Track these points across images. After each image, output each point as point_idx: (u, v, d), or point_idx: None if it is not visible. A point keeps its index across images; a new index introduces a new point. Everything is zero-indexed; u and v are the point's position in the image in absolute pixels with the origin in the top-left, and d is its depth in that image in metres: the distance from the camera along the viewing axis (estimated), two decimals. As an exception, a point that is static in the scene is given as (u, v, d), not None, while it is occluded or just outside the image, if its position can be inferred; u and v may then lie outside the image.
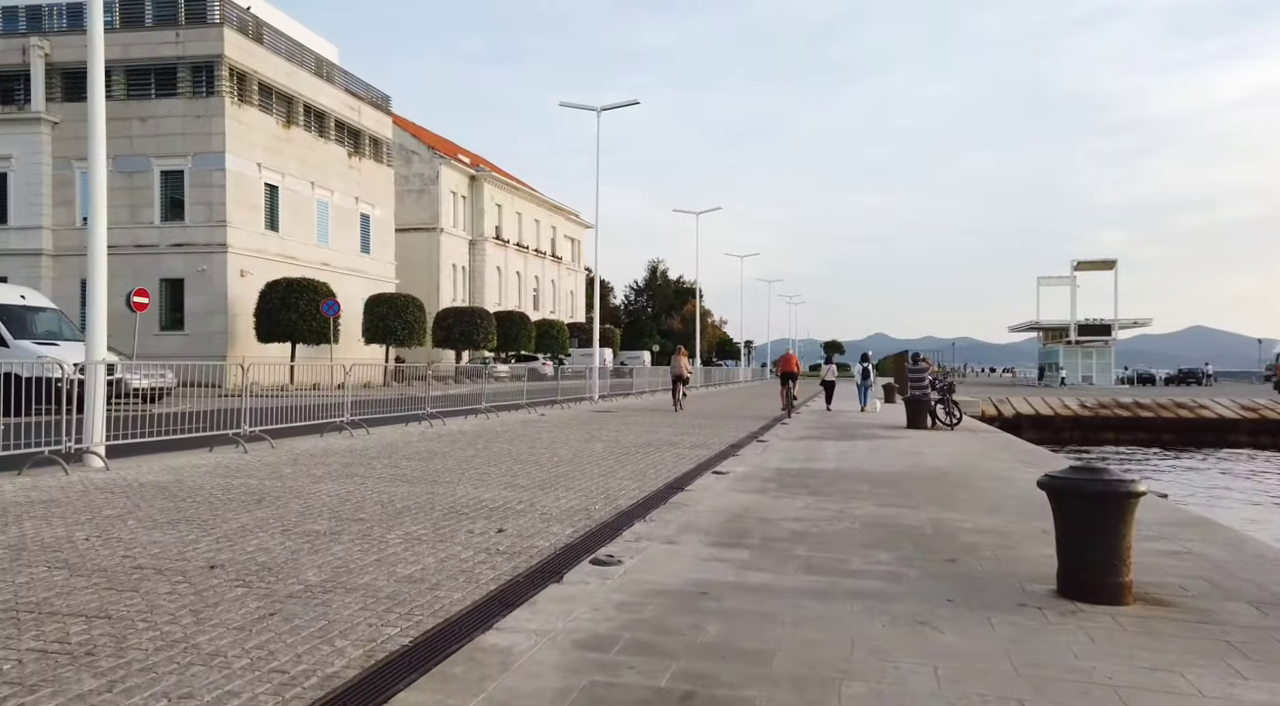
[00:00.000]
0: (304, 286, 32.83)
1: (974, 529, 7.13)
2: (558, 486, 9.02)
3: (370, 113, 44.27)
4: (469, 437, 14.41)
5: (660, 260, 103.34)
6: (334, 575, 5.13)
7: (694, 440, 15.04)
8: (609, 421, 19.29)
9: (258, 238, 35.57)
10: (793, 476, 10.23)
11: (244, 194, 34.67)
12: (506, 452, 12.21)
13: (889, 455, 13.07)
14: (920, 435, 17.06)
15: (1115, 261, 66.71)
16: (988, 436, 17.47)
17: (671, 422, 19.47)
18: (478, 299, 58.51)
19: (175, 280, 33.94)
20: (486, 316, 48.52)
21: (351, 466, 10.28)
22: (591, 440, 14.51)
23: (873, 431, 17.79)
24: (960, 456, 13.12)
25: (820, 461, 11.99)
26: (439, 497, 8.11)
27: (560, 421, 18.91)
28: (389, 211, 46.16)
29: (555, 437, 14.80)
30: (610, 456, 12.09)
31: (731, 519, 7.31)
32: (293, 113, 38.30)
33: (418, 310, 40.05)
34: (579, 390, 26.95)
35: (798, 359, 25.68)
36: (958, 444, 15.30)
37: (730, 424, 19.51)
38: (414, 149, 55.38)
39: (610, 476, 9.94)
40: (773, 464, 11.57)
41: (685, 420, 20.43)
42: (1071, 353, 68.27)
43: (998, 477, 10.61)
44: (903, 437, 16.36)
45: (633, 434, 16.04)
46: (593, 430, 16.66)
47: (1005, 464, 12.21)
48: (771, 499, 8.48)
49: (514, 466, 10.65)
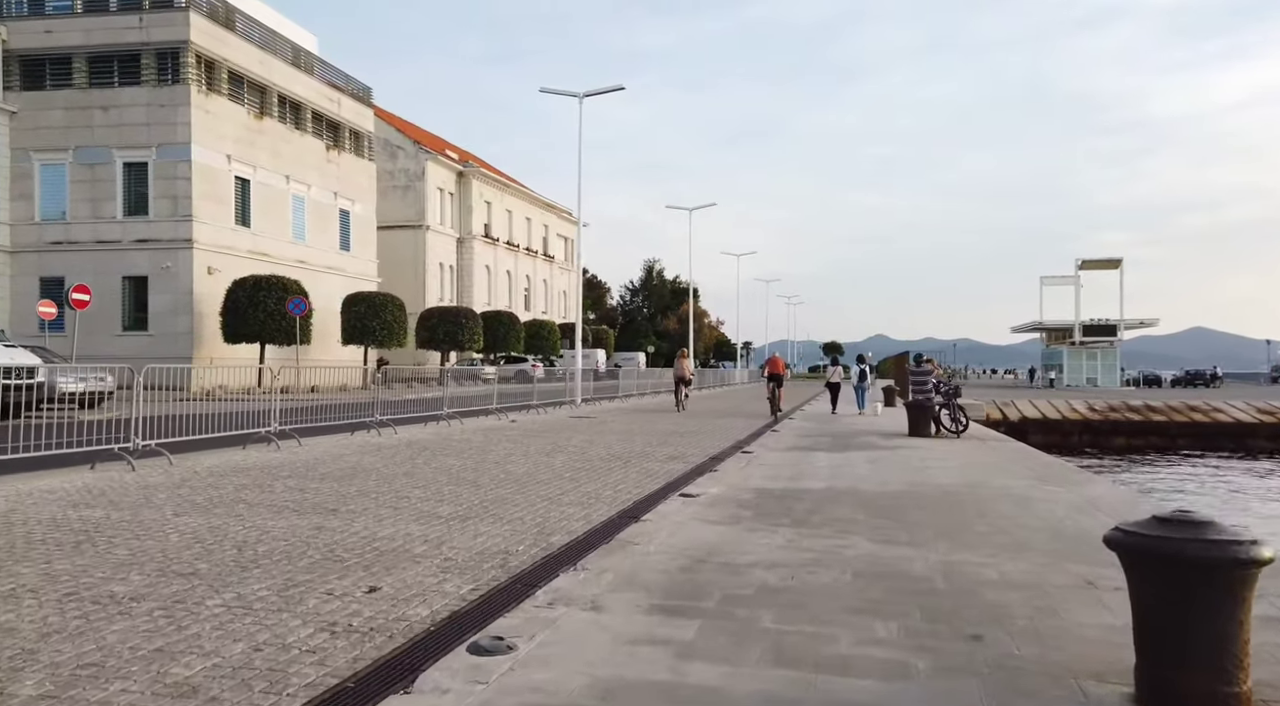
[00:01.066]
0: (273, 284, 31.22)
1: (999, 579, 5.51)
2: (485, 516, 7.40)
3: (350, 105, 42.67)
4: (413, 450, 12.78)
5: (656, 260, 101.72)
6: (68, 683, 3.50)
7: (670, 450, 13.42)
8: (583, 429, 17.67)
9: (227, 233, 33.95)
10: (775, 499, 8.61)
11: (212, 187, 33.05)
12: (446, 469, 10.58)
13: (889, 469, 11.45)
14: (923, 444, 15.43)
15: (1120, 260, 65.10)
16: (997, 446, 15.84)
17: (653, 429, 17.86)
18: (465, 299, 56.89)
19: (138, 278, 32.33)
20: (472, 316, 46.91)
21: (245, 490, 8.64)
22: (554, 452, 12.88)
23: (871, 440, 16.17)
24: (969, 471, 11.49)
25: (810, 478, 10.37)
26: (323, 535, 6.47)
27: (529, 429, 17.29)
28: (370, 207, 44.56)
29: (514, 449, 13.18)
30: (568, 473, 10.47)
31: (687, 566, 5.68)
32: (266, 103, 36.70)
33: (397, 310, 38.43)
34: (559, 393, 25.33)
35: (784, 362, 26.54)
36: (965, 455, 13.68)
37: (716, 431, 17.90)
38: (399, 144, 53.76)
39: (556, 501, 8.31)
40: (754, 482, 9.95)
41: (667, 426, 18.82)
42: (1075, 354, 66.63)
43: (1016, 499, 8.99)
44: (904, 447, 14.75)
45: (604, 444, 14.42)
46: (561, 439, 15.04)
47: (1022, 480, 10.59)
48: (744, 532, 6.86)
49: (445, 488, 9.02)
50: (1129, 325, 64.98)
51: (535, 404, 22.39)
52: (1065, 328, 67.84)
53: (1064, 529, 7.34)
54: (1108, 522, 8.29)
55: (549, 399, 24.67)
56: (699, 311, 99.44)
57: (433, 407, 17.40)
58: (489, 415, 19.67)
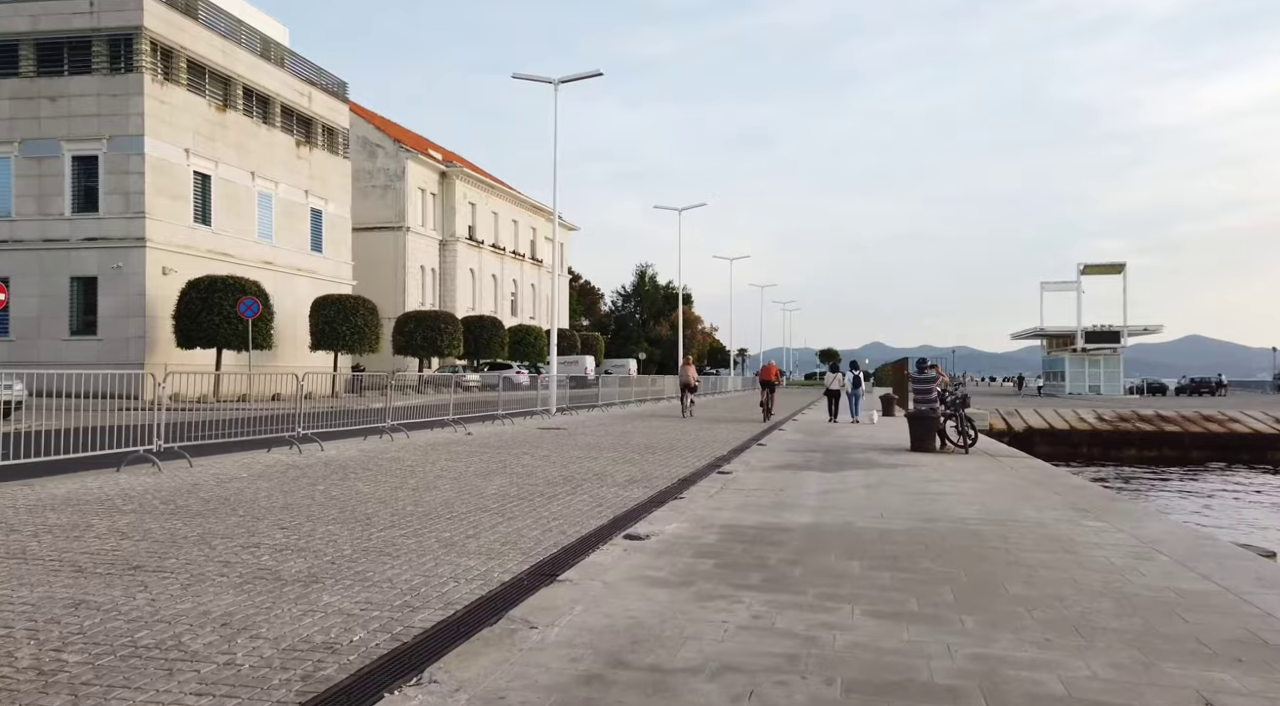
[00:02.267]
0: (229, 285, 29.23)
1: (1067, 697, 3.57)
2: (344, 576, 5.45)
3: (323, 99, 40.76)
4: (325, 472, 10.82)
5: (649, 265, 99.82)
6: None
7: (634, 470, 11.48)
8: (545, 443, 15.72)
9: (184, 231, 31.98)
10: (746, 543, 6.67)
11: (168, 182, 31.09)
12: (344, 500, 8.61)
13: (890, 496, 9.51)
14: (928, 461, 13.51)
15: (1124, 265, 63.28)
16: (1012, 463, 13.91)
17: (624, 443, 15.92)
18: (448, 303, 54.93)
19: (88, 279, 30.34)
20: (452, 321, 44.93)
21: (46, 535, 6.66)
22: (495, 473, 10.93)
23: (869, 455, 14.24)
24: (988, 498, 9.56)
25: (793, 510, 8.43)
26: (68, 622, 4.50)
27: (483, 444, 15.33)
28: (345, 207, 42.61)
29: (448, 470, 11.22)
30: (496, 503, 8.51)
31: (593, 674, 3.74)
32: (230, 95, 34.77)
33: (369, 313, 36.44)
34: (529, 402, 23.37)
35: (777, 368, 27.38)
36: (978, 475, 11.75)
37: (695, 444, 15.96)
38: (378, 142, 51.85)
39: (457, 548, 6.36)
40: (725, 515, 8.01)
41: (641, 439, 16.87)
42: (1078, 361, 64.76)
43: (1055, 540, 7.06)
44: (907, 465, 12.82)
45: (561, 462, 12.47)
46: (511, 457, 13.09)
47: (1054, 512, 8.66)
48: (695, 601, 4.92)
49: (322, 528, 7.06)
50: (1132, 331, 63.16)
51: (501, 414, 20.43)
52: (1067, 334, 65.99)
53: (1133, 590, 5.41)
54: (1183, 576, 6.37)
55: (519, 408, 22.71)
56: (693, 317, 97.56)
57: (374, 419, 15.41)
58: (443, 427, 17.71)
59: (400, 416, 16.77)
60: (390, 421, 15.22)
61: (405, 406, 17.68)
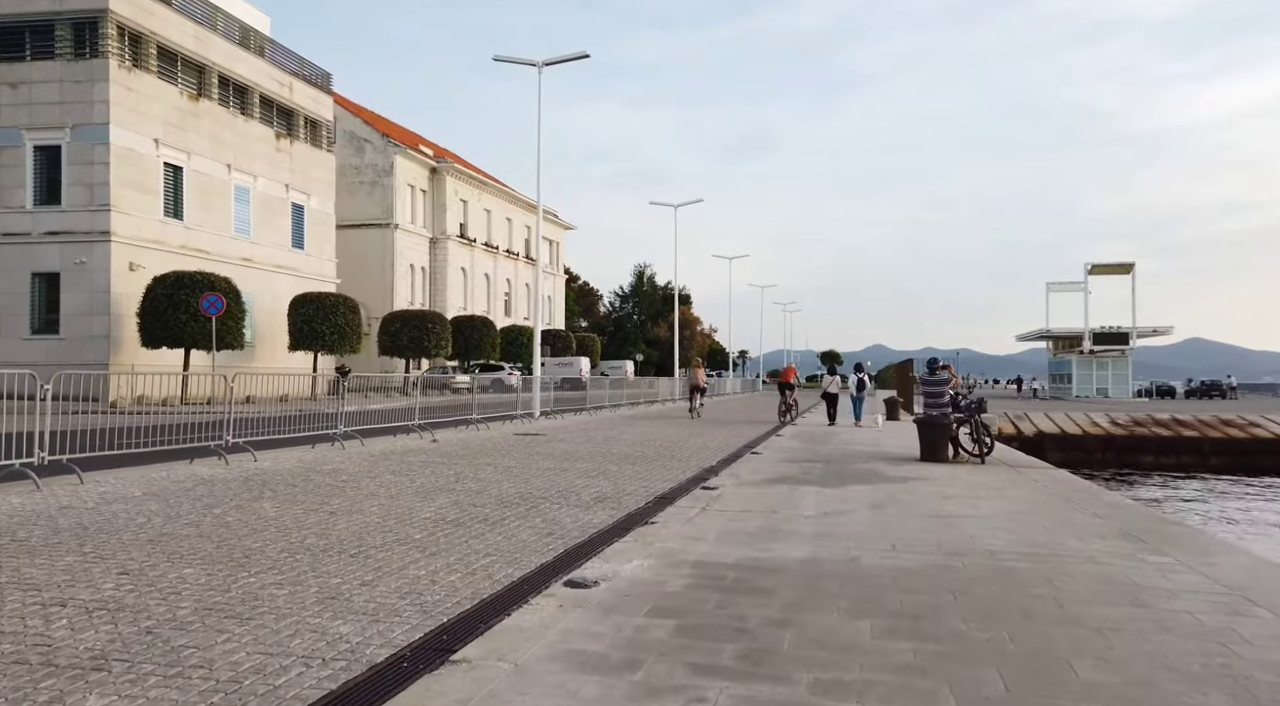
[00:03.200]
0: (197, 281, 27.73)
1: None
2: (150, 656, 3.91)
3: (305, 90, 39.26)
4: (236, 489, 9.29)
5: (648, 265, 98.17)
6: None
7: (605, 486, 9.96)
8: (516, 452, 14.20)
9: (154, 226, 30.48)
10: (722, 591, 5.16)
11: (135, 173, 29.60)
12: (241, 525, 7.09)
13: (903, 519, 8.00)
14: (941, 473, 11.99)
15: (1133, 265, 61.65)
16: (1036, 475, 12.37)
17: (603, 452, 14.41)
18: (439, 303, 53.41)
19: (49, 275, 28.84)
20: (440, 321, 43.42)
21: None
22: (441, 491, 9.41)
23: (875, 466, 12.72)
24: (1018, 521, 8.04)
25: (787, 538, 6.91)
26: None
27: (445, 453, 13.81)
28: (328, 202, 41.10)
29: (387, 487, 9.70)
30: (424, 532, 6.99)
31: None
32: (205, 84, 33.29)
33: (350, 312, 34.93)
34: (509, 406, 21.84)
35: (795, 370, 27.21)
36: (1001, 491, 10.23)
37: (684, 452, 14.43)
38: (366, 137, 50.35)
39: (339, 602, 4.82)
40: (701, 548, 6.49)
41: (625, 447, 15.35)
42: (1085, 363, 63.17)
43: (1116, 586, 5.55)
44: (918, 478, 11.30)
45: (523, 476, 10.95)
46: (469, 469, 11.57)
47: (1103, 542, 7.13)
48: (634, 704, 3.41)
49: (177, 571, 5.51)
50: (1141, 333, 61.54)
51: (476, 419, 18.90)
52: (1073, 335, 64.38)
53: (1244, 669, 3.89)
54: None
55: (498, 412, 21.20)
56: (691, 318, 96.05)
57: (325, 425, 13.89)
58: (408, 433, 16.19)
59: (363, 421, 15.28)
60: (342, 427, 13.69)
61: (377, 410, 16.18)
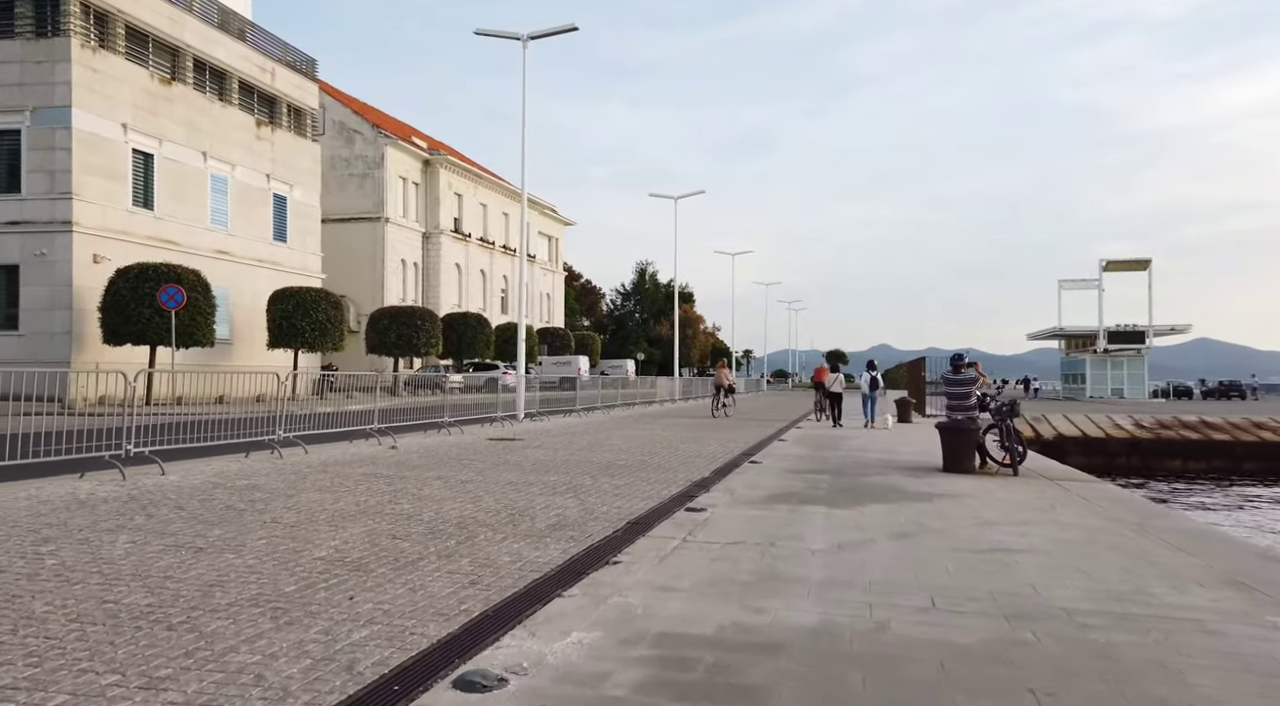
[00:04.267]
0: (163, 273, 26.03)
1: None
2: None
3: (288, 77, 37.57)
4: (114, 509, 7.57)
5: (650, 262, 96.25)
6: None
7: (571, 507, 8.22)
8: (479, 462, 12.47)
9: (121, 215, 28.81)
10: (690, 701, 3.42)
11: (101, 160, 27.94)
12: (69, 567, 5.36)
13: (938, 556, 6.25)
14: (971, 487, 10.22)
15: (1149, 261, 59.71)
16: (1082, 491, 10.58)
17: (581, 461, 12.67)
18: (432, 299, 51.74)
19: (9, 267, 27.18)
20: (430, 318, 41.72)
21: None
22: (359, 517, 7.67)
23: (892, 478, 10.97)
24: (1086, 559, 6.27)
25: (787, 588, 5.17)
26: None
27: (398, 462, 12.09)
28: (313, 194, 39.40)
29: (298, 508, 7.97)
30: (298, 583, 5.24)
31: None
32: (179, 67, 31.63)
33: (332, 308, 33.23)
34: (489, 406, 20.11)
35: (828, 371, 27.02)
36: (1049, 512, 8.47)
37: (673, 461, 12.68)
38: (356, 128, 48.67)
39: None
40: (670, 607, 4.74)
41: (607, 455, 13.61)
42: (1099, 363, 61.22)
43: (1259, 677, 3.79)
44: (945, 495, 9.54)
45: (475, 493, 9.21)
46: (414, 485, 9.83)
47: (1206, 592, 5.38)
48: None
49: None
50: (1158, 332, 59.58)
51: (447, 422, 17.16)
52: (1087, 334, 62.46)
53: None
54: None
55: (476, 414, 19.47)
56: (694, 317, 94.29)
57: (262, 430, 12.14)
58: (366, 439, 14.45)
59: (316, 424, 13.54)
60: (282, 432, 11.96)
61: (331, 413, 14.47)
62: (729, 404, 27.83)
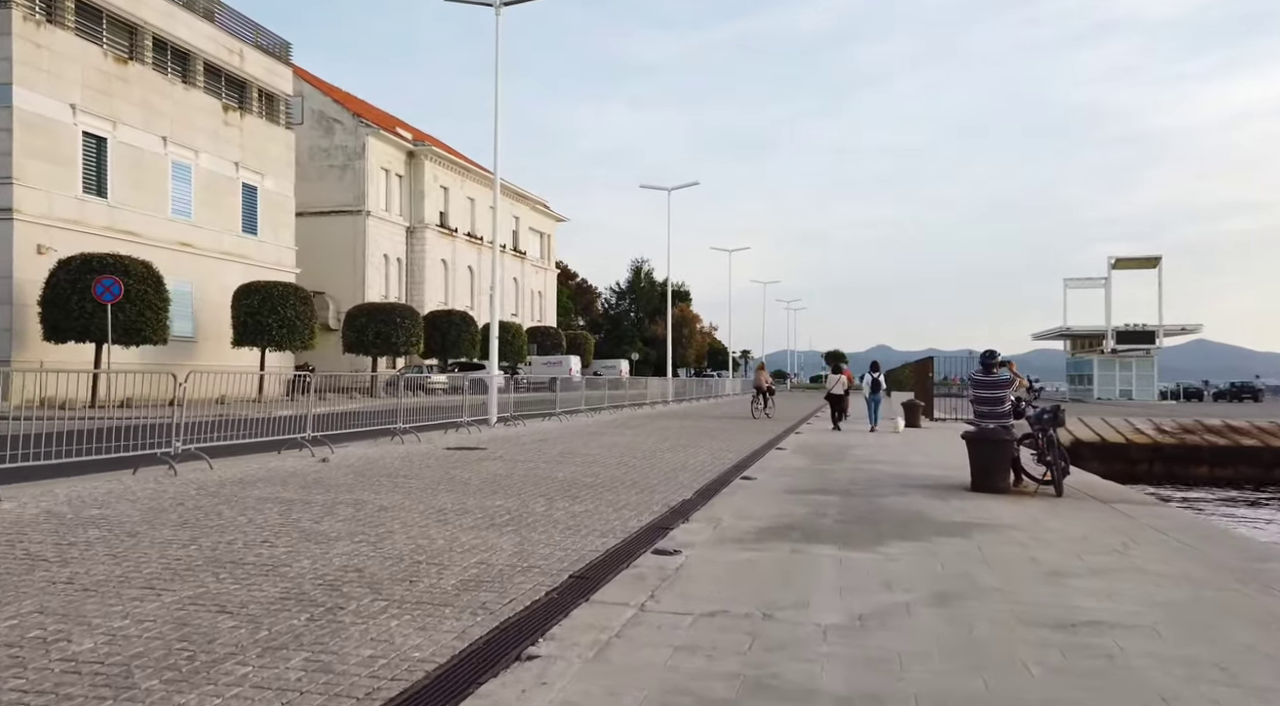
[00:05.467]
0: (107, 264, 24.04)
1: None
2: None
3: (259, 59, 35.56)
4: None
5: (645, 260, 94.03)
6: None
7: (500, 551, 6.23)
8: (423, 476, 10.49)
9: (70, 204, 26.81)
10: None
11: (45, 143, 25.94)
12: None
13: (1001, 633, 4.26)
14: (1011, 513, 8.24)
15: (1159, 259, 57.78)
16: (1145, 516, 8.58)
17: (544, 477, 10.69)
18: (416, 296, 49.72)
19: (-56, 258, 25.19)
20: (411, 315, 39.72)
21: None
22: (195, 571, 5.67)
23: (913, 499, 8.99)
24: (1221, 646, 4.27)
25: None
26: None
27: (317, 481, 10.10)
28: (286, 183, 37.38)
29: (99, 566, 5.98)
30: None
31: None
32: (137, 46, 29.64)
33: (301, 303, 31.24)
34: (454, 410, 18.12)
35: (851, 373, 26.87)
36: (1127, 554, 6.49)
37: (650, 478, 10.70)
38: (336, 117, 46.62)
39: None
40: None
41: (576, 469, 11.63)
42: (1107, 363, 59.31)
43: None
44: (985, 526, 7.55)
45: (379, 532, 7.22)
46: (312, 514, 7.85)
47: None
48: None
49: None
50: (1169, 331, 57.64)
51: (402, 428, 15.15)
52: (1095, 334, 60.54)
53: None
54: None
55: (440, 418, 17.49)
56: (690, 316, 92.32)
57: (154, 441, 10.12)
58: (297, 449, 12.45)
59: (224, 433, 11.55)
60: (180, 444, 9.95)
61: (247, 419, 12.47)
62: (770, 405, 27.05)
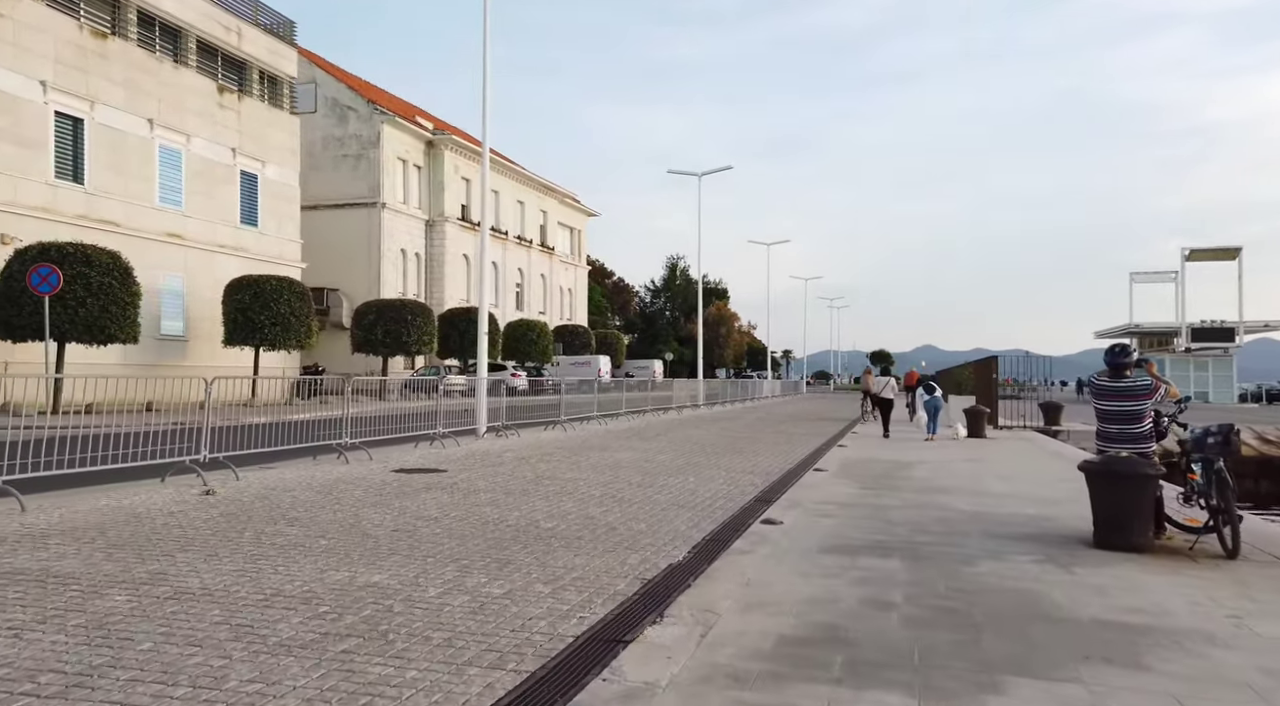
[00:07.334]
0: (68, 254, 21.67)
1: None
2: None
3: (259, 38, 33.22)
4: None
5: (681, 257, 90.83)
6: None
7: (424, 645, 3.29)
8: (281, 537, 7.62)
9: (39, 190, 24.57)
10: None
11: (11, 122, 23.72)
12: None
13: None
14: (1182, 601, 5.06)
15: (1239, 249, 53.24)
16: None
17: (491, 521, 7.75)
18: (436, 293, 47.27)
19: (-101, 248, 23.07)
20: (423, 312, 37.18)
21: None
22: None
23: (1016, 561, 5.86)
24: None
25: None
26: None
27: (129, 538, 7.28)
28: (291, 172, 35.00)
29: None
30: None
31: None
32: (119, 20, 27.40)
33: (297, 299, 28.76)
34: (427, 417, 15.25)
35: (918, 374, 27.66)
36: None
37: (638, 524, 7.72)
38: (350, 104, 44.30)
39: None
40: None
41: (550, 503, 8.67)
42: (1180, 363, 54.78)
43: None
44: (1155, 633, 4.40)
45: (129, 634, 4.29)
46: (11, 626, 4.96)
47: None
48: None
49: None
50: (1250, 328, 53.08)
51: (348, 445, 12.29)
52: (1166, 331, 56.19)
53: None
54: None
55: (414, 429, 14.65)
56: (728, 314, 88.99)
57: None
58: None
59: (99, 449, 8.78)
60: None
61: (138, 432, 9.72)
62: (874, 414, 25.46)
